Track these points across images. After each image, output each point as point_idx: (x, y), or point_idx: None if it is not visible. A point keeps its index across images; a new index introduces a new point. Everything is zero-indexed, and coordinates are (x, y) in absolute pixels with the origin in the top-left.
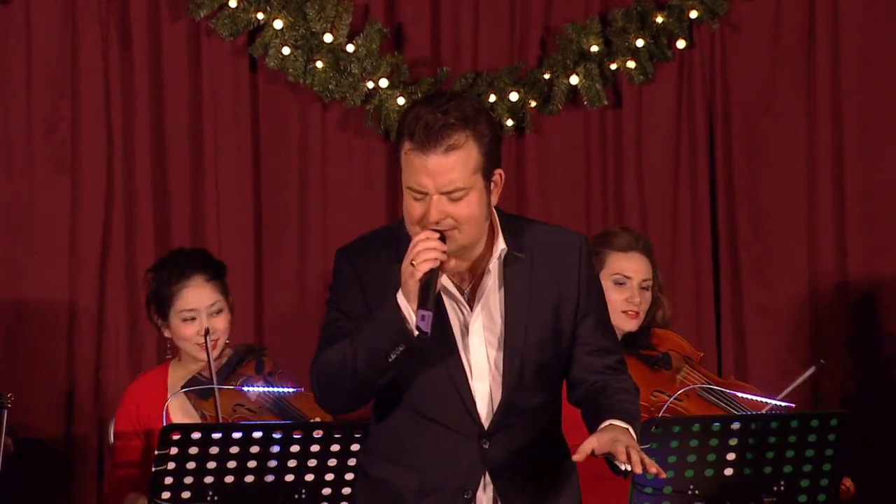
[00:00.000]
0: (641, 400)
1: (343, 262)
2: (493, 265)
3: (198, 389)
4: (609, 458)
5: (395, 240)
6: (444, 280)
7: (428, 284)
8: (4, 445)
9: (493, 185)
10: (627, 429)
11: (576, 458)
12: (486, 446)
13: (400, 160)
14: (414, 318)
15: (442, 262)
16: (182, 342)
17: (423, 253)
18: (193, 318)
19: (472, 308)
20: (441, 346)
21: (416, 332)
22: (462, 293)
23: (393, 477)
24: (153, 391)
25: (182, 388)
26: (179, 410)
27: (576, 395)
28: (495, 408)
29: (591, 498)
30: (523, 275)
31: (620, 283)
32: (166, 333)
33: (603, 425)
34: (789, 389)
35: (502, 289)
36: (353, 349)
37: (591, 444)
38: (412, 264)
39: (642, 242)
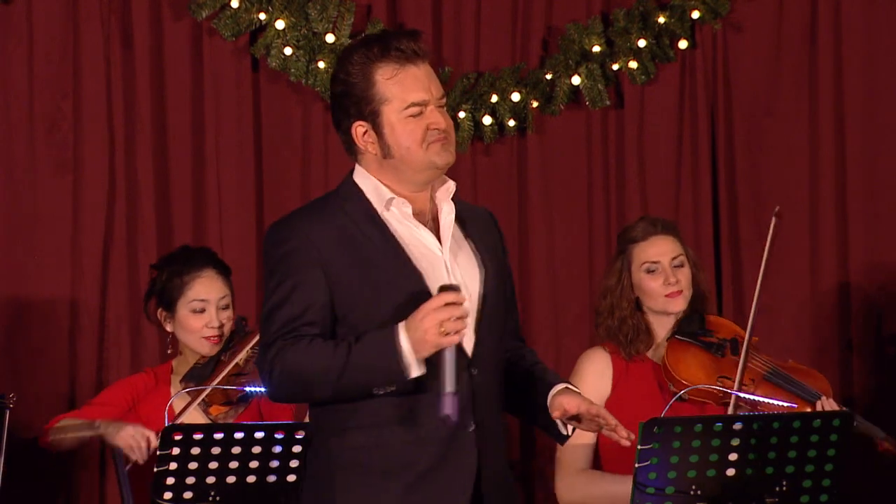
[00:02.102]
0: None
1: (288, 232)
2: (447, 201)
3: (195, 378)
4: (551, 424)
5: (339, 202)
6: (409, 216)
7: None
8: None
9: None
10: (580, 392)
11: (555, 414)
12: (475, 372)
13: (374, 98)
14: (415, 368)
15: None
16: (188, 335)
17: (457, 323)
18: (203, 310)
19: (440, 240)
20: (426, 278)
21: (444, 418)
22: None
23: (385, 437)
24: (156, 389)
25: (182, 378)
26: (188, 417)
27: None
28: (476, 332)
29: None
30: (467, 217)
31: (652, 271)
32: (168, 327)
33: (560, 388)
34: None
35: (460, 224)
36: (339, 371)
37: (563, 403)
38: (441, 330)
39: (660, 225)
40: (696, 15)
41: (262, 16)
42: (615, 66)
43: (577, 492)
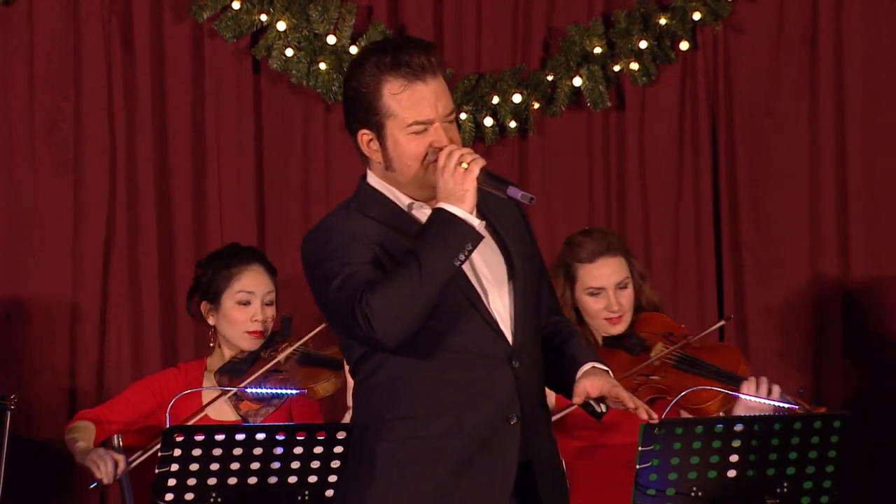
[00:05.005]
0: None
1: (328, 233)
2: None
3: (231, 372)
4: (588, 403)
5: (355, 211)
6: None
7: (490, 173)
8: None
9: None
10: (608, 371)
11: (576, 400)
12: (517, 365)
13: (380, 110)
14: (472, 219)
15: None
16: (232, 328)
17: (469, 155)
18: (248, 303)
19: None
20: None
21: (530, 200)
22: None
23: (424, 428)
24: (188, 384)
25: (218, 371)
26: (217, 410)
27: None
28: (514, 323)
29: (596, 488)
30: (484, 201)
31: (595, 294)
32: (211, 320)
33: (587, 368)
34: (701, 336)
35: (476, 210)
36: (416, 266)
37: (586, 387)
38: (461, 165)
39: (605, 244)
40: (697, 16)
41: (264, 17)
42: (616, 68)
43: None
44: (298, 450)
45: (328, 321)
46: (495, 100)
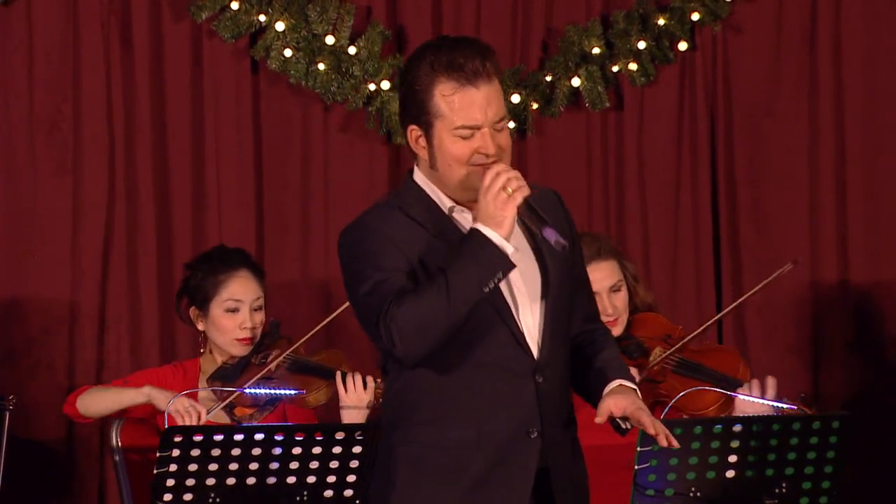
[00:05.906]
0: None
1: (364, 231)
2: None
3: (223, 378)
4: (612, 419)
5: (397, 209)
6: (470, 222)
7: (532, 206)
8: None
9: None
10: (635, 389)
11: (598, 420)
12: (541, 380)
13: (430, 109)
14: (507, 246)
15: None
16: (220, 335)
17: (516, 181)
18: (237, 310)
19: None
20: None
21: (563, 248)
22: None
23: (445, 437)
24: (184, 385)
25: (210, 377)
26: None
27: None
28: (541, 337)
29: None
30: (526, 209)
31: None
32: (200, 326)
33: (613, 385)
34: (764, 284)
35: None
36: (445, 287)
37: (609, 406)
38: (506, 191)
39: (597, 248)
40: (695, 17)
41: (262, 18)
42: (615, 68)
43: None
44: (297, 450)
45: (357, 318)
46: None
